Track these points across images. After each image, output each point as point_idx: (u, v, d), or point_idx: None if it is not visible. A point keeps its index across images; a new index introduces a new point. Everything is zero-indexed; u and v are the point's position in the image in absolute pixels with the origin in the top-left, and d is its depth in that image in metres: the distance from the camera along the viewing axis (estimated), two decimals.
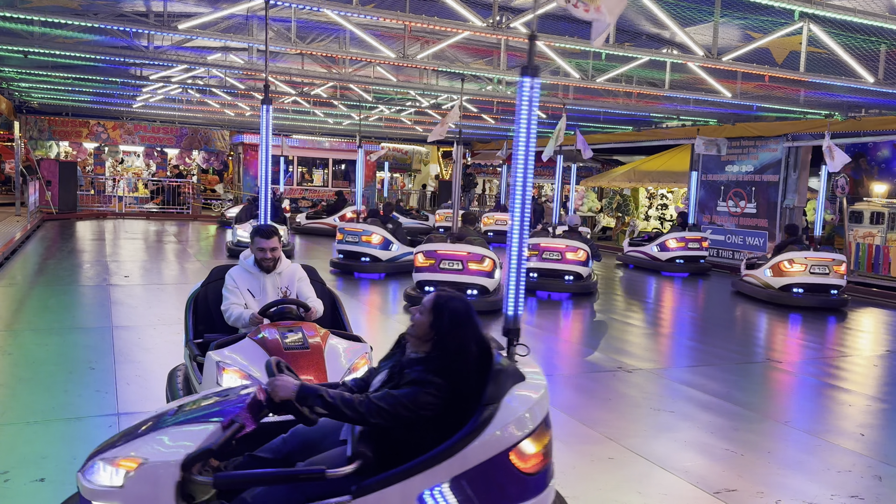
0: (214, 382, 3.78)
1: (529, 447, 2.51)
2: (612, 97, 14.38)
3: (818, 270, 10.94)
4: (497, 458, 2.43)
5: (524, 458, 2.49)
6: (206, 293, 4.73)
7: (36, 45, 10.35)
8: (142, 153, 26.18)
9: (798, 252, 11.08)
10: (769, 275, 11.24)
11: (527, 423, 2.51)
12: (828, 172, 12.20)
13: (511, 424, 2.47)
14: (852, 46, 9.17)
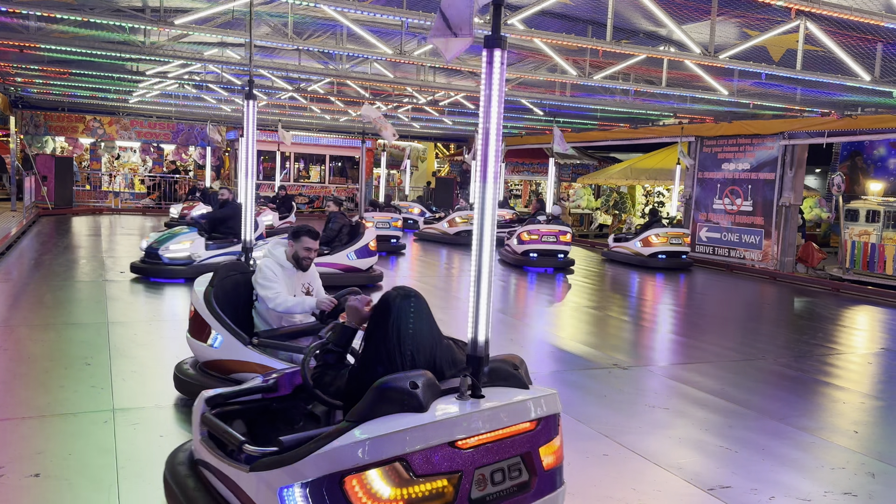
0: None
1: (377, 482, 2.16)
2: (609, 94, 14.38)
3: (675, 242, 15.06)
4: (330, 478, 2.18)
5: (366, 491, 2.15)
6: (219, 291, 4.86)
7: (32, 39, 10.31)
8: (138, 149, 26.11)
9: (661, 229, 15.02)
10: (639, 245, 15.06)
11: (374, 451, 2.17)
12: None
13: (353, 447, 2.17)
14: (849, 45, 9.18)
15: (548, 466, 2.59)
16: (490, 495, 2.41)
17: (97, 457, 3.95)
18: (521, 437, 2.49)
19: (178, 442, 4.19)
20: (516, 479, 2.49)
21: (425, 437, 2.24)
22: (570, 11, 9.12)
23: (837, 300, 12.11)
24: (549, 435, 2.60)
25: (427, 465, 2.23)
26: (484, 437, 2.38)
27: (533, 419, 2.54)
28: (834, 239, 21.17)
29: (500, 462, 2.44)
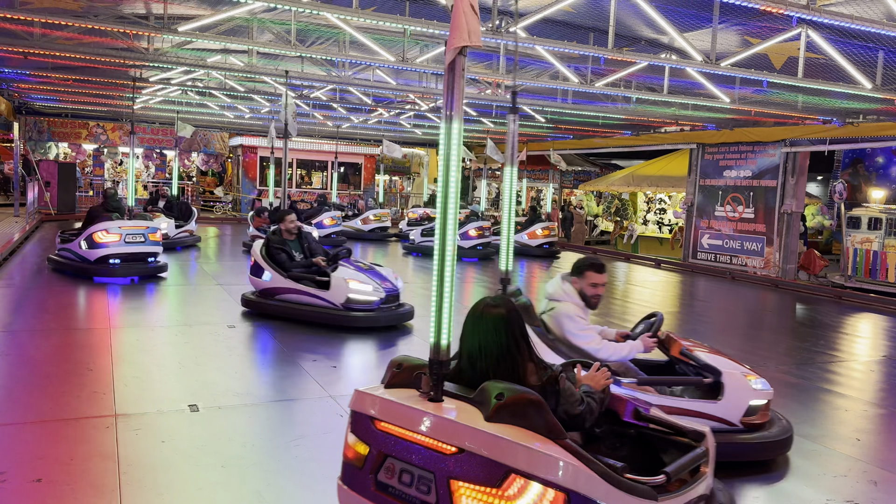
0: None
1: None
2: (611, 101, 14.41)
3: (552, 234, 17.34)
4: None
5: None
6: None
7: (36, 45, 10.36)
8: (141, 155, 26.19)
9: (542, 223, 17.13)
10: (526, 238, 17.01)
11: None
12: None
13: None
14: (851, 53, 9.20)
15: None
16: (394, 489, 2.47)
17: (99, 462, 3.95)
18: (433, 455, 2.37)
19: (181, 447, 4.20)
20: (423, 494, 2.40)
21: (362, 404, 2.58)
22: (572, 19, 9.15)
23: (839, 308, 12.09)
24: (478, 477, 2.28)
25: (358, 428, 2.59)
26: (394, 429, 2.47)
27: (454, 445, 2.34)
28: (836, 246, 21.16)
29: (410, 465, 2.44)
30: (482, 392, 2.46)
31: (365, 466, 2.54)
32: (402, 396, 2.54)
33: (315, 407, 5.14)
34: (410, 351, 7.08)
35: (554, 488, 2.22)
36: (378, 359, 6.91)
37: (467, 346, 2.71)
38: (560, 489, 2.22)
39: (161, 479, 3.79)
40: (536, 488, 2.23)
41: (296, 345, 7.00)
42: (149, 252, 10.52)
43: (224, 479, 3.85)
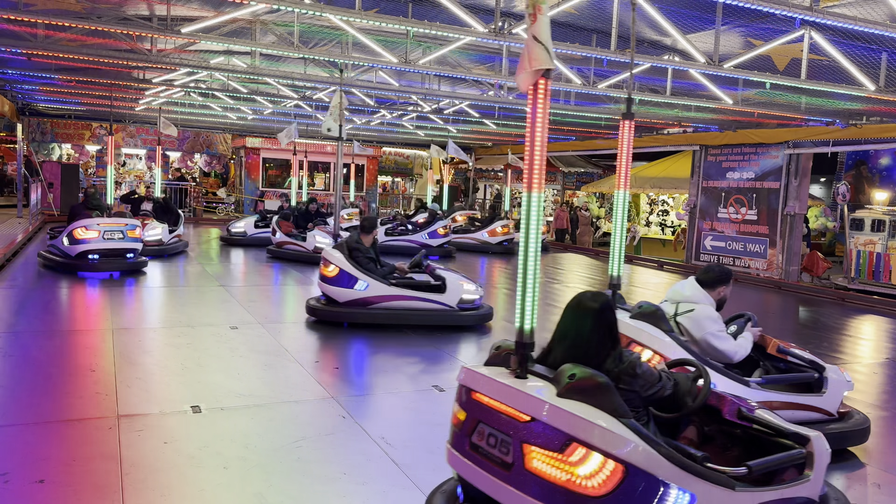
0: None
1: None
2: (614, 103, 14.41)
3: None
4: None
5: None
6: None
7: (39, 47, 10.39)
8: (144, 156, 26.23)
9: (502, 221, 17.72)
10: (487, 236, 17.61)
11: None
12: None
13: None
14: (854, 54, 9.19)
15: (532, 469, 2.65)
16: (483, 449, 2.90)
17: (101, 463, 3.95)
18: (512, 422, 2.76)
19: (183, 448, 4.20)
20: (503, 455, 2.79)
21: (465, 378, 3.09)
22: (574, 20, 9.16)
23: (842, 310, 12.07)
24: (545, 443, 2.63)
25: (460, 398, 3.08)
26: (485, 399, 2.92)
27: (528, 414, 2.70)
28: (839, 248, 21.13)
29: (495, 430, 2.84)
30: (560, 373, 2.84)
31: (462, 430, 3.02)
32: (495, 373, 3.00)
33: (317, 408, 5.14)
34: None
35: (613, 460, 2.50)
36: (380, 359, 6.91)
37: (559, 331, 3.10)
38: (619, 461, 2.50)
39: (163, 481, 3.79)
40: (597, 458, 2.52)
41: (297, 346, 7.00)
42: (127, 248, 10.86)
43: (226, 480, 3.85)
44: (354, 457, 4.27)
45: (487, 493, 2.85)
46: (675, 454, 2.61)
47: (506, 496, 2.75)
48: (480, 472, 2.89)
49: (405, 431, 4.77)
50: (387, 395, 5.61)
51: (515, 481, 2.70)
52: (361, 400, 5.39)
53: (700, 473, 2.64)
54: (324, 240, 13.00)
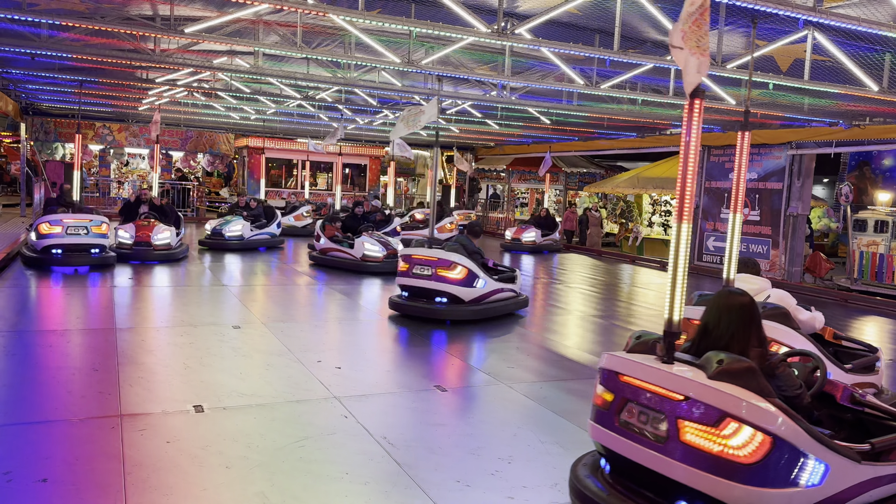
0: None
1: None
2: (617, 103, 14.40)
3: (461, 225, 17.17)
4: None
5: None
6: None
7: (43, 47, 10.41)
8: (147, 155, 26.27)
9: (450, 218, 19.18)
10: (437, 233, 15.81)
11: None
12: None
13: None
14: (857, 55, 9.18)
15: (687, 441, 3.04)
16: (633, 425, 3.27)
17: (104, 462, 3.96)
18: (666, 401, 3.14)
19: (186, 448, 4.21)
20: (656, 430, 3.17)
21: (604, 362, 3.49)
22: (577, 21, 9.15)
23: (845, 311, 12.05)
24: (700, 418, 3.00)
25: (606, 381, 3.45)
26: (636, 381, 3.29)
27: (683, 394, 3.08)
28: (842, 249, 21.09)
29: (646, 408, 3.23)
30: (706, 359, 3.16)
31: (610, 409, 3.38)
32: (641, 359, 3.37)
33: (319, 408, 5.14)
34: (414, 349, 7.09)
35: (762, 432, 2.86)
36: (382, 359, 6.92)
37: (704, 324, 3.39)
38: (767, 433, 2.85)
39: (166, 480, 3.80)
40: (748, 431, 2.88)
41: (300, 346, 7.01)
42: (91, 244, 11.13)
43: (229, 479, 3.85)
44: (356, 456, 4.28)
45: (641, 463, 3.21)
46: (813, 429, 2.94)
47: (660, 465, 3.11)
48: (633, 444, 3.25)
49: (407, 431, 4.78)
50: (389, 394, 5.62)
51: (671, 452, 3.07)
52: (363, 400, 5.40)
53: (833, 447, 2.98)
54: (373, 247, 12.54)
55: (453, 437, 4.75)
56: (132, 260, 12.06)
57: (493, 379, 6.20)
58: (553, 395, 5.84)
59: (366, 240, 12.78)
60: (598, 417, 3.47)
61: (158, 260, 12.18)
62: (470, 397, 5.69)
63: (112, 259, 11.46)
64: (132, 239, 12.23)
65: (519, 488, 3.96)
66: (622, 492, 3.34)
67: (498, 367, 6.64)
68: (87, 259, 11.08)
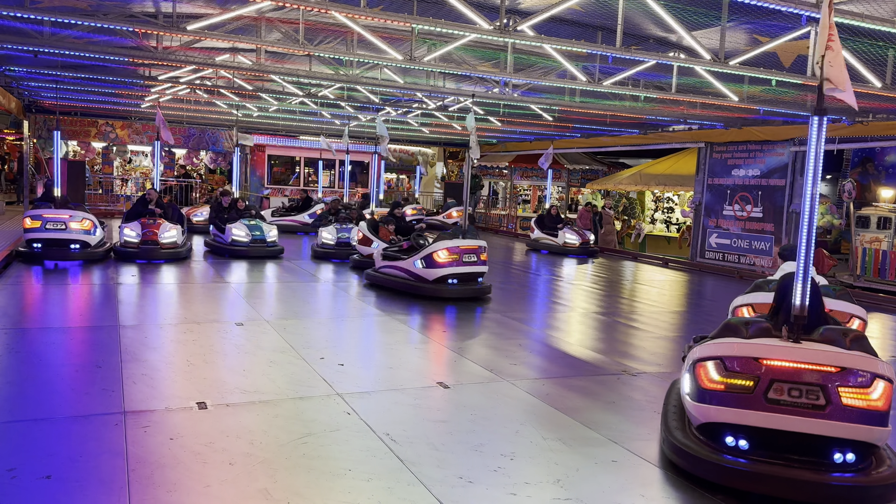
0: None
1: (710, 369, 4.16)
2: (619, 100, 14.38)
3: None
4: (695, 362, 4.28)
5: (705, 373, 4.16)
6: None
7: (46, 44, 10.43)
8: (150, 153, 26.27)
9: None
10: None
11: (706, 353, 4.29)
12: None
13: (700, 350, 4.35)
14: (860, 51, 9.16)
15: (846, 404, 3.80)
16: (784, 401, 3.86)
17: (108, 459, 3.98)
18: (818, 373, 3.83)
19: (189, 445, 4.23)
20: (813, 400, 3.83)
21: (735, 350, 4.04)
22: (580, 18, 9.14)
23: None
24: (853, 382, 3.81)
25: (734, 366, 3.99)
26: (781, 363, 3.90)
27: (837, 367, 3.82)
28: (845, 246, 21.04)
29: (797, 383, 3.85)
30: (828, 333, 4.09)
31: (756, 391, 3.91)
32: (773, 343, 4.04)
33: (322, 405, 5.16)
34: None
35: (888, 382, 3.82)
36: (384, 355, 6.93)
37: (780, 305, 4.46)
38: (890, 383, 3.83)
39: (169, 476, 3.81)
40: (882, 385, 3.81)
41: (302, 343, 7.03)
42: (70, 239, 11.40)
43: (232, 476, 3.87)
44: (359, 453, 4.29)
45: (798, 430, 3.84)
46: None
47: (821, 428, 3.80)
48: (788, 417, 3.85)
49: (410, 428, 4.79)
50: (391, 391, 5.63)
51: (831, 415, 3.79)
52: (366, 396, 5.41)
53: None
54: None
55: (456, 433, 4.76)
56: (139, 259, 11.99)
57: (496, 376, 6.20)
58: (556, 392, 5.85)
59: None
60: (734, 402, 3.95)
61: (165, 259, 12.10)
62: (472, 394, 5.70)
63: (98, 255, 11.65)
64: (139, 237, 12.08)
65: (521, 485, 3.96)
66: (765, 460, 3.90)
67: (500, 363, 6.65)
68: (67, 254, 11.31)
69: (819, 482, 3.77)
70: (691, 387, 4.22)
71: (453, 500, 3.72)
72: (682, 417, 4.52)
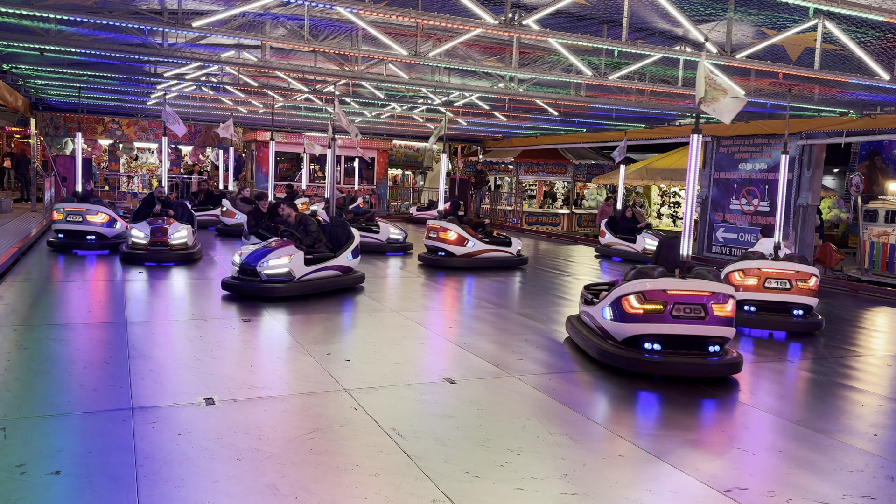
0: None
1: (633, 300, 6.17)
2: (625, 94, 14.32)
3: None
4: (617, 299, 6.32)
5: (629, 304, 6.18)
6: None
7: (52, 42, 10.45)
8: (156, 150, 26.34)
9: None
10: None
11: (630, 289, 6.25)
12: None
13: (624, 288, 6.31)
14: (868, 43, 9.09)
15: (717, 314, 6.08)
16: (682, 316, 6.02)
17: (116, 455, 4.00)
18: (699, 297, 6.06)
19: (197, 440, 4.25)
20: (698, 314, 6.04)
21: (647, 286, 6.12)
22: (585, 11, 9.10)
23: (856, 301, 11.99)
24: (718, 301, 6.08)
25: (650, 297, 6.03)
26: (677, 291, 6.03)
27: (707, 291, 6.08)
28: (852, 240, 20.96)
29: (687, 304, 6.02)
30: (698, 272, 6.33)
31: (664, 311, 6.02)
32: (666, 280, 6.17)
33: (329, 400, 5.17)
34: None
35: (734, 301, 6.21)
36: (391, 351, 6.94)
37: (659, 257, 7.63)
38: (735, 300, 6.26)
39: (177, 472, 3.83)
40: (732, 301, 6.15)
41: (309, 338, 7.04)
42: (86, 230, 12.33)
43: (240, 471, 3.88)
44: (366, 448, 4.30)
45: (689, 334, 6.07)
46: None
47: (703, 331, 6.08)
48: (684, 325, 6.04)
49: (416, 423, 4.79)
50: (398, 386, 5.63)
51: (709, 322, 6.07)
52: (373, 392, 5.42)
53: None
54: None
55: (462, 428, 4.76)
56: (147, 261, 11.28)
57: (502, 371, 6.20)
58: (562, 387, 5.85)
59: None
60: (650, 319, 6.06)
61: (175, 261, 11.46)
62: (479, 389, 5.70)
63: (112, 245, 12.46)
64: (147, 238, 11.43)
65: (528, 479, 3.96)
66: (670, 354, 6.09)
67: (507, 359, 6.65)
68: (84, 244, 12.25)
69: (702, 364, 6.07)
70: (615, 313, 6.30)
71: (460, 495, 3.73)
72: (600, 336, 6.66)
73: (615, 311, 6.25)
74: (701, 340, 6.11)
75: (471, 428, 4.78)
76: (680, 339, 6.05)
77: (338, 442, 4.38)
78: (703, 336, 6.08)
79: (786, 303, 8.55)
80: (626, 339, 6.20)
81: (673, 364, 5.98)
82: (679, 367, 5.99)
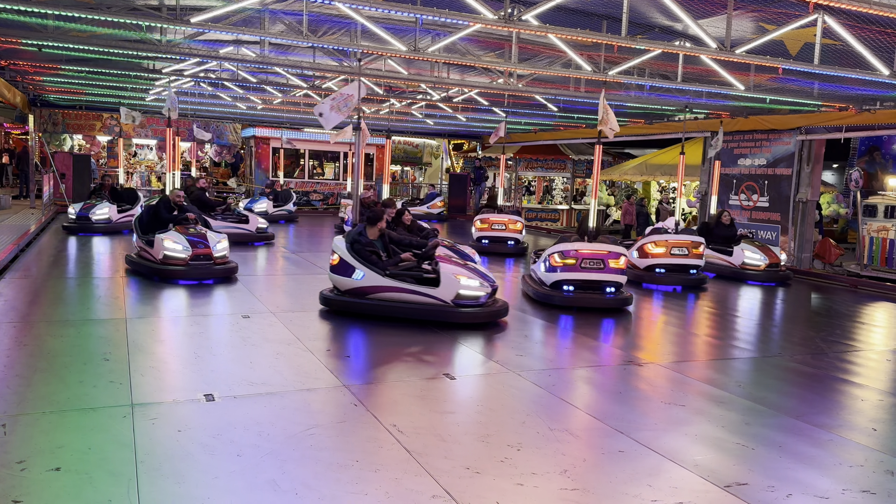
0: None
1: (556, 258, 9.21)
2: (624, 90, 14.30)
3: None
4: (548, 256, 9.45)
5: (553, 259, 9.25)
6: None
7: (50, 38, 10.41)
8: (154, 146, 26.30)
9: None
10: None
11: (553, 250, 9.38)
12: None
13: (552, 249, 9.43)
14: (867, 38, 9.08)
15: (612, 267, 8.97)
16: (588, 267, 8.95)
17: (116, 451, 4.00)
18: (599, 255, 8.97)
19: (197, 436, 4.25)
20: (599, 266, 8.95)
21: (565, 248, 9.16)
22: (584, 6, 9.09)
23: (855, 297, 12.00)
24: (615, 257, 8.97)
25: (566, 255, 9.03)
26: (585, 251, 9.03)
27: (605, 251, 9.00)
28: (851, 235, 20.97)
29: (592, 259, 8.94)
30: (602, 238, 9.47)
31: (576, 264, 8.90)
32: (578, 243, 9.19)
33: (329, 396, 5.17)
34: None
35: (626, 257, 9.41)
36: (391, 347, 6.94)
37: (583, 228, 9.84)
38: (626, 258, 9.35)
39: (177, 468, 3.83)
40: (624, 258, 9.19)
41: (309, 334, 7.04)
42: (93, 218, 14.56)
43: (240, 467, 3.88)
44: (366, 444, 4.30)
45: (593, 279, 8.93)
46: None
47: (603, 277, 8.94)
48: (590, 274, 8.91)
49: (416, 419, 4.80)
50: (398, 383, 5.64)
51: (606, 272, 8.92)
52: (373, 388, 5.42)
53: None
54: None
55: (462, 424, 4.76)
56: (187, 279, 9.46)
57: (502, 367, 6.21)
58: (562, 383, 5.85)
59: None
60: (567, 269, 8.89)
61: (219, 277, 9.68)
62: (479, 385, 5.70)
63: (115, 228, 14.73)
64: (187, 252, 9.43)
65: (528, 475, 3.97)
66: (581, 292, 8.93)
67: (506, 355, 6.65)
68: (90, 226, 14.47)
69: (601, 299, 8.92)
70: (546, 266, 9.12)
71: (460, 491, 3.73)
72: (539, 284, 9.39)
73: (546, 264, 9.17)
74: (601, 284, 8.96)
75: (471, 424, 4.79)
76: (587, 282, 8.94)
77: (338, 438, 4.38)
78: (603, 280, 8.94)
79: (685, 265, 11.60)
80: (552, 283, 9.06)
81: (583, 299, 8.88)
82: (587, 300, 8.87)
